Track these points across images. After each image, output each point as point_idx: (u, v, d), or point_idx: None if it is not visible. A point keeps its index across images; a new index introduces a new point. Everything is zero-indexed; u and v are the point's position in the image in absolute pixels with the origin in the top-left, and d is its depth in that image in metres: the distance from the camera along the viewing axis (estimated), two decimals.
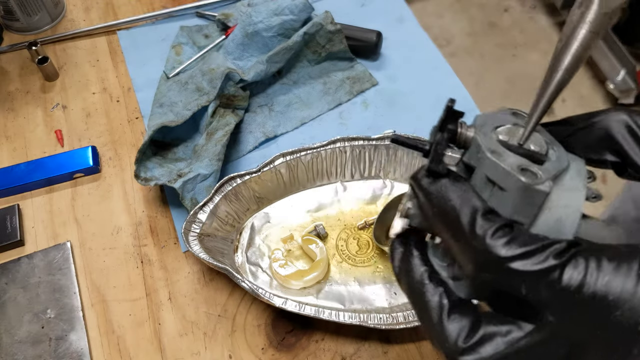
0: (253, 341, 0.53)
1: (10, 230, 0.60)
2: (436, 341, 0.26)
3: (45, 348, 0.52)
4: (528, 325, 0.24)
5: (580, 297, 0.21)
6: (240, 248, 0.57)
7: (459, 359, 0.25)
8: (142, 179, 0.58)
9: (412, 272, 0.28)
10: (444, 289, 0.27)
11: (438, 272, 0.28)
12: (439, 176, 0.27)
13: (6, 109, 0.71)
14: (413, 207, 0.29)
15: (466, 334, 0.25)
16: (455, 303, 0.27)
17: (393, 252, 0.30)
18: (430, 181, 0.27)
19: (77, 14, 0.81)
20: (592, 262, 0.22)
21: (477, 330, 0.25)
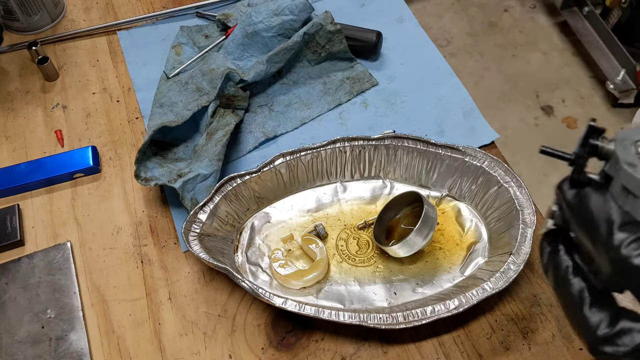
0: (253, 341, 0.53)
1: (10, 230, 0.60)
2: (579, 330, 0.30)
3: (45, 348, 0.52)
4: None
5: None
6: (240, 248, 0.57)
7: (599, 348, 0.28)
8: (142, 179, 0.58)
9: (558, 267, 0.32)
10: (586, 284, 0.30)
11: (582, 268, 0.31)
12: (581, 185, 0.31)
13: (6, 109, 0.71)
14: (557, 210, 0.33)
15: (606, 325, 0.28)
16: (597, 297, 0.29)
17: (542, 249, 0.33)
18: (573, 192, 0.31)
19: (77, 14, 0.81)
20: None
21: (615, 323, 0.28)
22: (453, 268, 0.55)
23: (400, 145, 0.60)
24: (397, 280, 0.55)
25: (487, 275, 0.52)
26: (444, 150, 0.59)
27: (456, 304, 0.50)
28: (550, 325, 0.53)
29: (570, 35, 1.86)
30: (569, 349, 0.51)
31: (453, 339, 0.52)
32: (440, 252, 0.56)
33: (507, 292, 0.55)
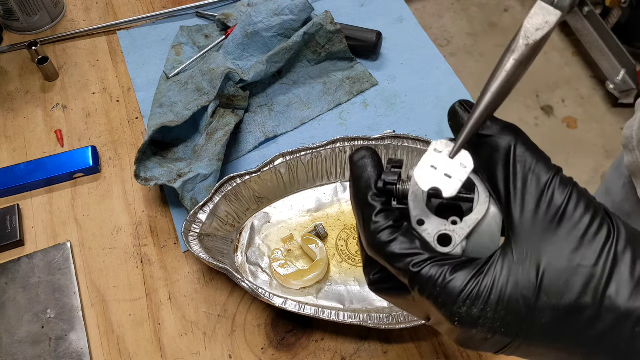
0: (253, 341, 0.53)
1: (10, 230, 0.60)
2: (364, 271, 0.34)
3: (45, 348, 0.52)
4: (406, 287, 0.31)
5: (425, 289, 0.29)
6: (240, 248, 0.57)
7: (369, 287, 0.34)
8: (142, 179, 0.58)
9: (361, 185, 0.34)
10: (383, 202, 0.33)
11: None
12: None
13: (6, 109, 0.71)
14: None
15: (375, 273, 0.33)
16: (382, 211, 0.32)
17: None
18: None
19: (77, 14, 0.81)
20: (437, 270, 0.29)
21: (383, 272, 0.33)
22: None
23: (400, 145, 0.60)
24: None
25: None
26: None
27: None
28: None
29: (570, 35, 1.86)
30: None
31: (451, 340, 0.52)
32: None
33: None
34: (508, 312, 0.28)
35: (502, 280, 0.28)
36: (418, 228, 0.31)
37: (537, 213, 0.28)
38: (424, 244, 0.30)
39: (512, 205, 0.29)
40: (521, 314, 0.28)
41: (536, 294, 0.28)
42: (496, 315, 0.28)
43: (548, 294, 0.27)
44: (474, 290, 0.28)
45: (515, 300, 0.28)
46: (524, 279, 0.28)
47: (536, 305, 0.28)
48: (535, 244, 0.28)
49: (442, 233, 0.30)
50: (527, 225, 0.29)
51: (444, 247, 0.30)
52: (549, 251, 0.28)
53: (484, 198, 0.31)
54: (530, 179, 0.29)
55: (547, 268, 0.28)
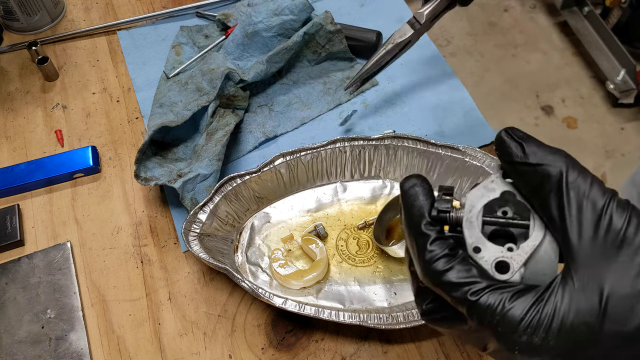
0: (253, 341, 0.53)
1: (10, 230, 0.60)
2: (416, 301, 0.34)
3: (45, 348, 0.52)
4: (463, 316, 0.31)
5: (484, 318, 0.29)
6: (240, 248, 0.57)
7: (422, 317, 0.34)
8: (142, 179, 0.58)
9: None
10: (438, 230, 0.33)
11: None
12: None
13: (6, 109, 0.71)
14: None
15: (428, 302, 0.33)
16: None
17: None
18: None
19: (77, 14, 0.81)
20: (497, 297, 0.29)
21: (438, 301, 0.33)
22: None
23: (400, 145, 0.60)
24: (397, 280, 0.55)
25: None
26: (444, 150, 0.59)
27: None
28: None
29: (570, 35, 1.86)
30: None
31: (453, 339, 0.52)
32: None
33: None
34: (570, 340, 0.27)
35: (564, 308, 0.28)
36: (474, 255, 0.31)
37: (595, 238, 0.28)
38: (481, 272, 0.30)
39: (569, 232, 0.29)
40: (583, 341, 0.27)
41: (600, 321, 0.27)
42: (558, 343, 0.27)
43: (612, 321, 0.27)
44: (535, 318, 0.28)
45: (578, 327, 0.27)
46: (587, 305, 0.27)
47: (600, 332, 0.27)
48: (596, 270, 0.28)
49: (499, 260, 0.30)
50: (586, 251, 0.28)
51: (502, 274, 0.30)
52: (611, 277, 0.27)
53: (539, 224, 0.30)
54: (585, 204, 0.28)
55: (611, 294, 0.27)
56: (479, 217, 0.31)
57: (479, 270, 0.30)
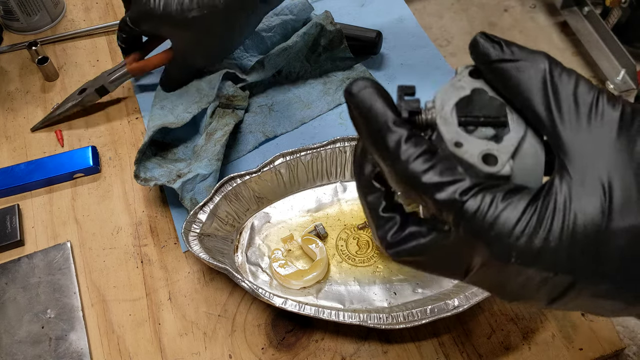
0: (253, 341, 0.53)
1: (10, 230, 0.60)
2: (375, 233, 0.31)
3: (45, 348, 0.52)
4: (442, 231, 0.28)
5: (474, 223, 0.25)
6: (240, 248, 0.57)
7: (389, 251, 0.29)
8: (141, 179, 0.58)
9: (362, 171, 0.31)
10: (385, 190, 0.30)
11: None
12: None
13: (6, 109, 0.71)
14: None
15: (395, 231, 0.29)
16: (390, 204, 0.30)
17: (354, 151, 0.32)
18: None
19: (77, 14, 0.81)
20: (487, 198, 0.25)
21: (404, 229, 0.29)
22: None
23: None
24: (397, 281, 0.55)
25: None
26: None
27: (456, 304, 0.50)
28: (550, 325, 0.53)
29: (570, 35, 1.86)
30: (569, 349, 0.51)
31: (453, 339, 0.52)
32: None
33: None
34: (574, 240, 0.24)
35: (564, 204, 0.24)
36: (457, 151, 0.27)
37: (589, 129, 0.25)
38: (467, 168, 0.26)
39: (558, 126, 0.26)
40: (590, 240, 0.24)
41: (607, 215, 0.24)
42: (560, 246, 0.24)
43: (621, 213, 0.24)
44: (534, 218, 0.24)
45: (583, 225, 0.24)
46: (590, 200, 0.24)
47: (608, 228, 0.24)
48: (594, 161, 0.25)
49: (485, 152, 0.27)
50: (581, 143, 0.25)
51: (490, 166, 0.26)
52: (612, 166, 0.24)
53: (517, 119, 0.28)
54: (574, 97, 0.26)
55: (615, 184, 0.24)
56: (452, 114, 0.28)
57: (465, 167, 0.27)
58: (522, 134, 0.27)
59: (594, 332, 0.52)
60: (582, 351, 0.51)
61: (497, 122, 0.28)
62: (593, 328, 0.52)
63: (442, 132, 0.28)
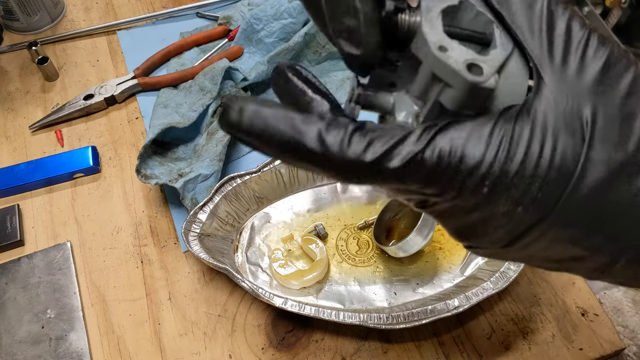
0: (253, 341, 0.53)
1: (10, 230, 0.60)
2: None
3: (45, 348, 0.52)
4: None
5: (442, 166, 0.23)
6: (240, 248, 0.57)
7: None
8: (142, 175, 0.58)
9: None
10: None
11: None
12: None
13: (6, 109, 0.71)
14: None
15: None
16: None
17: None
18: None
19: (77, 14, 0.81)
20: (446, 136, 0.23)
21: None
22: (453, 268, 0.55)
23: None
24: (397, 280, 0.55)
25: (487, 275, 0.52)
26: None
27: (456, 304, 0.50)
28: (550, 325, 0.53)
29: None
30: (569, 349, 0.51)
31: (453, 339, 0.52)
32: (440, 252, 0.56)
33: (507, 292, 0.55)
34: (552, 167, 0.22)
35: (542, 126, 0.22)
36: (440, 55, 0.24)
37: (577, 64, 0.24)
38: (450, 75, 0.23)
39: (546, 56, 0.24)
40: (567, 169, 0.22)
41: (588, 142, 0.22)
42: (534, 174, 0.22)
43: (601, 142, 0.22)
44: (505, 141, 0.22)
45: (561, 153, 0.22)
46: (571, 124, 0.22)
47: (587, 157, 0.22)
48: (578, 93, 0.23)
49: (470, 61, 0.24)
50: (566, 76, 0.24)
51: (475, 75, 0.24)
52: (594, 100, 0.23)
53: (505, 37, 0.26)
54: (568, 31, 0.24)
55: (597, 112, 0.23)
56: (438, 19, 0.26)
57: (446, 73, 0.24)
58: (509, 52, 0.25)
59: (594, 332, 0.52)
60: (582, 351, 0.51)
61: (482, 40, 0.26)
62: (593, 328, 0.52)
63: (425, 34, 0.25)
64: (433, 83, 0.25)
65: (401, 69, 0.28)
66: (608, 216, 0.23)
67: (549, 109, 0.23)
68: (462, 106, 0.25)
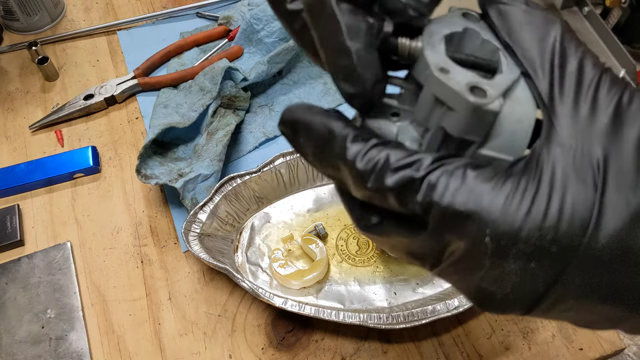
0: (253, 341, 0.53)
1: (10, 230, 0.60)
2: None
3: (45, 348, 0.52)
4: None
5: (437, 210, 0.22)
6: (240, 248, 0.57)
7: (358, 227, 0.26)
8: (142, 175, 0.58)
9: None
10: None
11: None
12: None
13: (6, 109, 0.71)
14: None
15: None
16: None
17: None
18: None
19: (77, 14, 0.81)
20: (455, 178, 0.22)
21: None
22: None
23: None
24: (397, 280, 0.55)
25: None
26: None
27: (456, 304, 0.50)
28: (550, 325, 0.53)
29: None
30: (569, 349, 0.51)
31: (453, 339, 0.52)
32: None
33: None
34: (562, 218, 0.21)
35: (553, 180, 0.21)
36: (441, 76, 0.24)
37: (588, 106, 0.23)
38: (450, 97, 0.23)
39: (556, 97, 0.23)
40: (581, 218, 0.21)
41: (601, 188, 0.21)
42: (544, 224, 0.21)
43: (616, 186, 0.21)
44: (524, 195, 0.21)
45: (573, 200, 0.21)
46: (581, 171, 0.21)
47: (602, 203, 0.21)
48: (588, 138, 0.22)
49: (473, 84, 0.23)
50: (576, 118, 0.23)
51: (477, 97, 0.23)
52: (605, 144, 0.22)
53: (511, 64, 0.25)
54: (579, 72, 0.24)
55: (610, 156, 0.21)
56: (441, 44, 0.25)
57: (445, 95, 0.23)
58: (516, 77, 0.24)
59: (594, 332, 0.52)
60: (582, 351, 0.51)
61: (488, 66, 0.25)
62: None
63: (427, 57, 0.24)
64: (435, 107, 0.25)
65: (403, 98, 0.27)
66: (637, 267, 0.21)
67: (558, 157, 0.22)
68: (465, 131, 0.24)
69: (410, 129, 0.26)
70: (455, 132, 0.24)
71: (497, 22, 0.25)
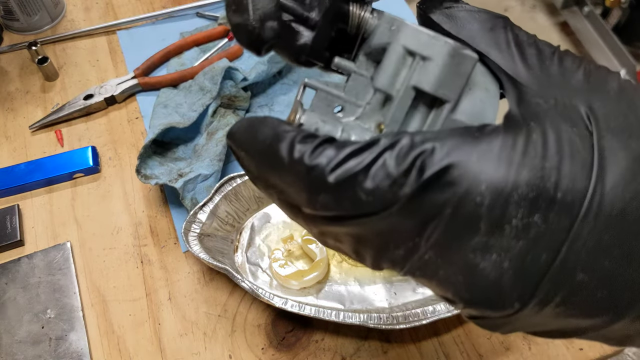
0: (253, 341, 0.53)
1: (10, 230, 0.60)
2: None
3: (45, 348, 0.52)
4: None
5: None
6: (240, 248, 0.57)
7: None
8: (142, 175, 0.58)
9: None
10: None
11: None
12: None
13: (6, 109, 0.71)
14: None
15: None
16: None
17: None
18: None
19: (77, 14, 0.81)
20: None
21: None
22: None
23: None
24: (397, 280, 0.55)
25: None
26: None
27: None
28: None
29: (570, 35, 1.86)
30: (569, 349, 0.51)
31: (453, 339, 0.52)
32: None
33: None
34: (564, 161, 0.19)
35: (545, 123, 0.20)
36: (417, 26, 0.23)
37: (545, 62, 0.22)
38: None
39: (514, 57, 0.23)
40: (584, 161, 0.19)
41: (597, 132, 0.19)
42: (550, 166, 0.19)
43: (611, 132, 0.19)
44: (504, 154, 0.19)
45: (571, 141, 0.19)
46: (569, 117, 0.20)
47: (601, 145, 0.19)
48: (564, 87, 0.21)
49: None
50: (542, 74, 0.22)
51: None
52: (586, 93, 0.21)
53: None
54: (537, 47, 0.23)
55: (594, 106, 0.20)
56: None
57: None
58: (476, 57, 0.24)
59: None
60: (582, 351, 0.51)
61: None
62: None
63: (391, 15, 0.24)
64: (404, 65, 0.23)
65: (349, 90, 0.25)
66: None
67: (542, 108, 0.20)
68: (440, 83, 0.22)
69: (358, 125, 0.24)
70: (429, 85, 0.22)
71: (445, 25, 0.24)
